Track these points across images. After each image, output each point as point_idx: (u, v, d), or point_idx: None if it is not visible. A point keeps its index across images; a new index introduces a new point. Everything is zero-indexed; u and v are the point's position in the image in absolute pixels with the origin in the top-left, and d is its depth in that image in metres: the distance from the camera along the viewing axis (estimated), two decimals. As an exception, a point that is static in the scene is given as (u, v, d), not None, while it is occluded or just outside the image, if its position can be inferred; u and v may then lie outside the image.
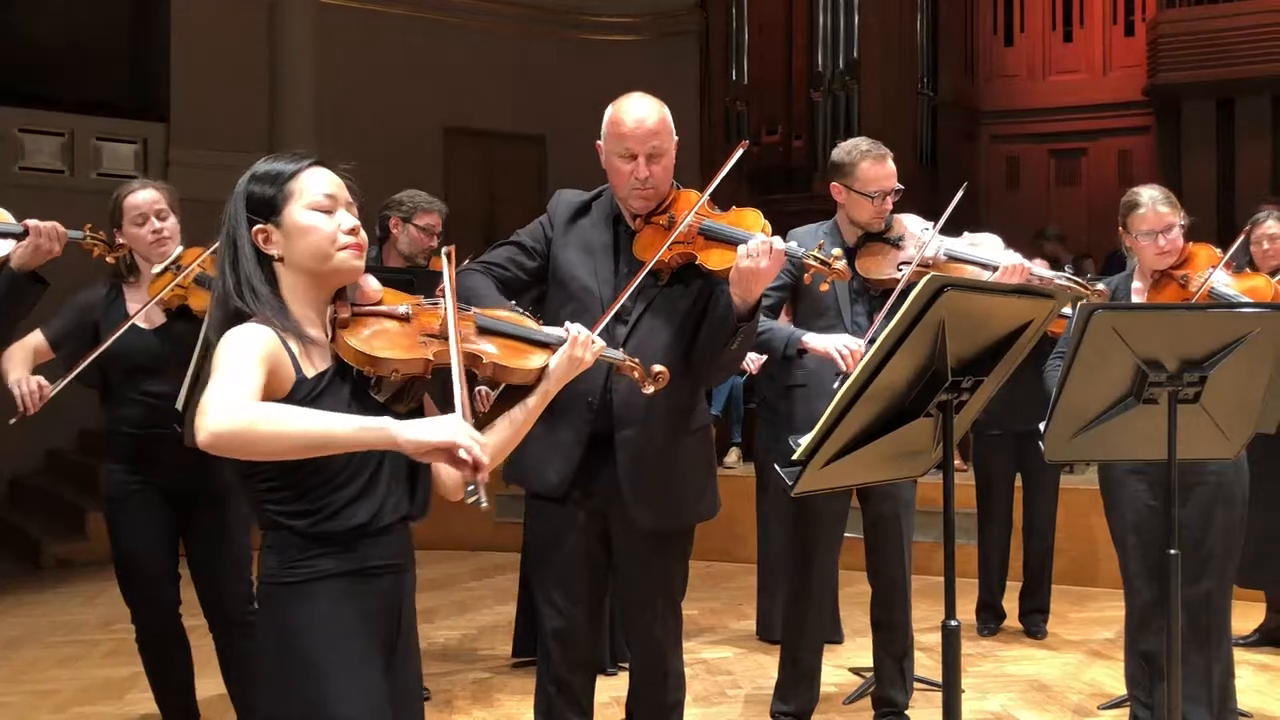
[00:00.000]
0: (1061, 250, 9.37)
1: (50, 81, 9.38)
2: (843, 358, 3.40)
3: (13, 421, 3.37)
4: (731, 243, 2.71)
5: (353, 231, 1.97)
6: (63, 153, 9.15)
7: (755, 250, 2.58)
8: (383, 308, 2.03)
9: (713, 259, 2.74)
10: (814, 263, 2.79)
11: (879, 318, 3.53)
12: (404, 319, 2.02)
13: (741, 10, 11.87)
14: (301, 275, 1.96)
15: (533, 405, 2.15)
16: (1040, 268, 3.64)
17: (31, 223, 3.12)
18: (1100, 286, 3.71)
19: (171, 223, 3.48)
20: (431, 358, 1.97)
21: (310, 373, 1.91)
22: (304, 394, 1.88)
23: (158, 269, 3.45)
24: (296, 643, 1.89)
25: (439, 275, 2.09)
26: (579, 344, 2.17)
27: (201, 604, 3.52)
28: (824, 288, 3.07)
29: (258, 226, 1.96)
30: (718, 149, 11.36)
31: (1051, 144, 12.23)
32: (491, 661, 5.01)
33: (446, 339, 1.99)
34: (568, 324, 2.20)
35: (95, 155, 9.30)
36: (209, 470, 3.46)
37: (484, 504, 1.79)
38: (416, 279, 3.29)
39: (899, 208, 3.81)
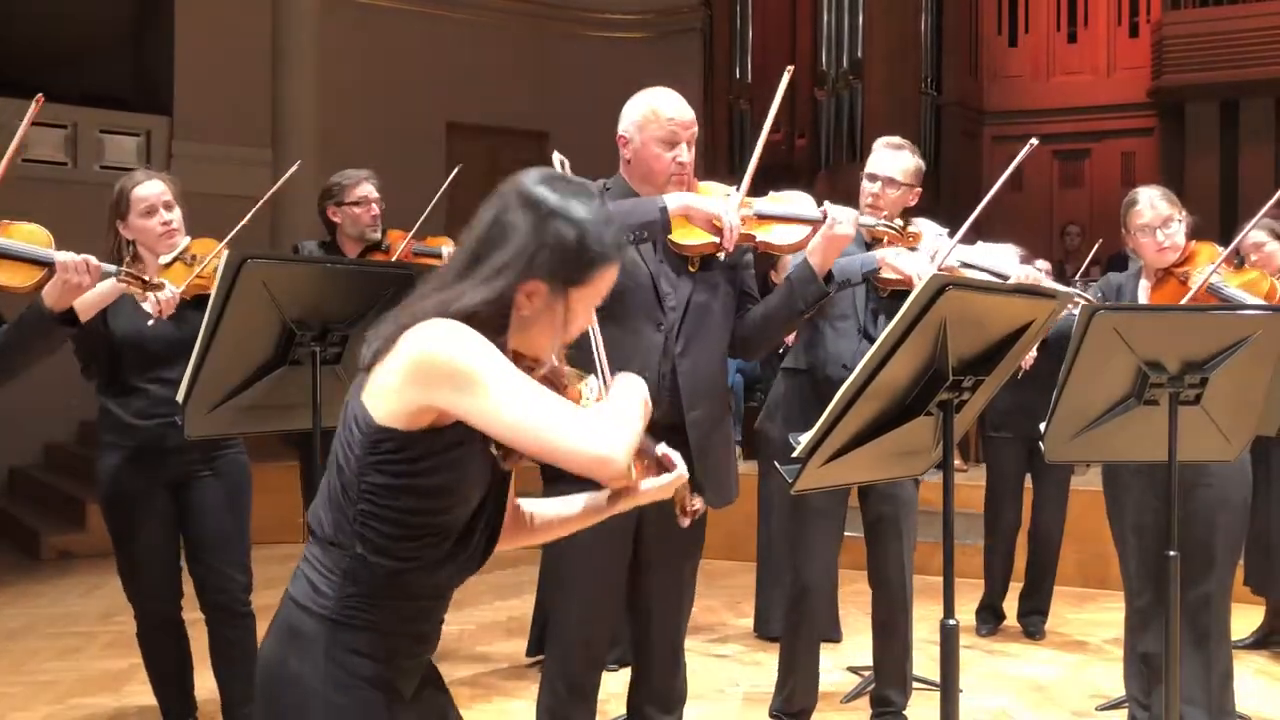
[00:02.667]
0: (1082, 245, 9.54)
1: (53, 73, 9.38)
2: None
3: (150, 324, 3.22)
4: (791, 219, 2.92)
5: (575, 333, 1.79)
6: (66, 145, 9.14)
7: (841, 217, 2.83)
8: (548, 376, 1.80)
9: (775, 235, 2.93)
10: (885, 230, 3.07)
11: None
12: (556, 385, 1.79)
13: (746, 8, 11.86)
14: (519, 336, 1.74)
15: (611, 512, 1.97)
16: (1048, 280, 3.65)
17: (59, 258, 2.84)
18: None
19: (178, 213, 3.45)
20: None
21: None
22: (465, 429, 1.65)
23: (165, 259, 3.43)
24: (343, 689, 1.69)
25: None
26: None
27: (198, 593, 3.52)
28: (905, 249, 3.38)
29: (537, 281, 1.69)
30: (720, 147, 11.36)
31: (1055, 145, 12.23)
32: (490, 658, 5.02)
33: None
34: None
35: (98, 148, 9.29)
36: (211, 459, 3.47)
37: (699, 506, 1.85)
38: (414, 274, 3.28)
39: (913, 211, 3.81)
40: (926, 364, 2.23)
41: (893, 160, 3.72)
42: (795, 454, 2.24)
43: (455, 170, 4.82)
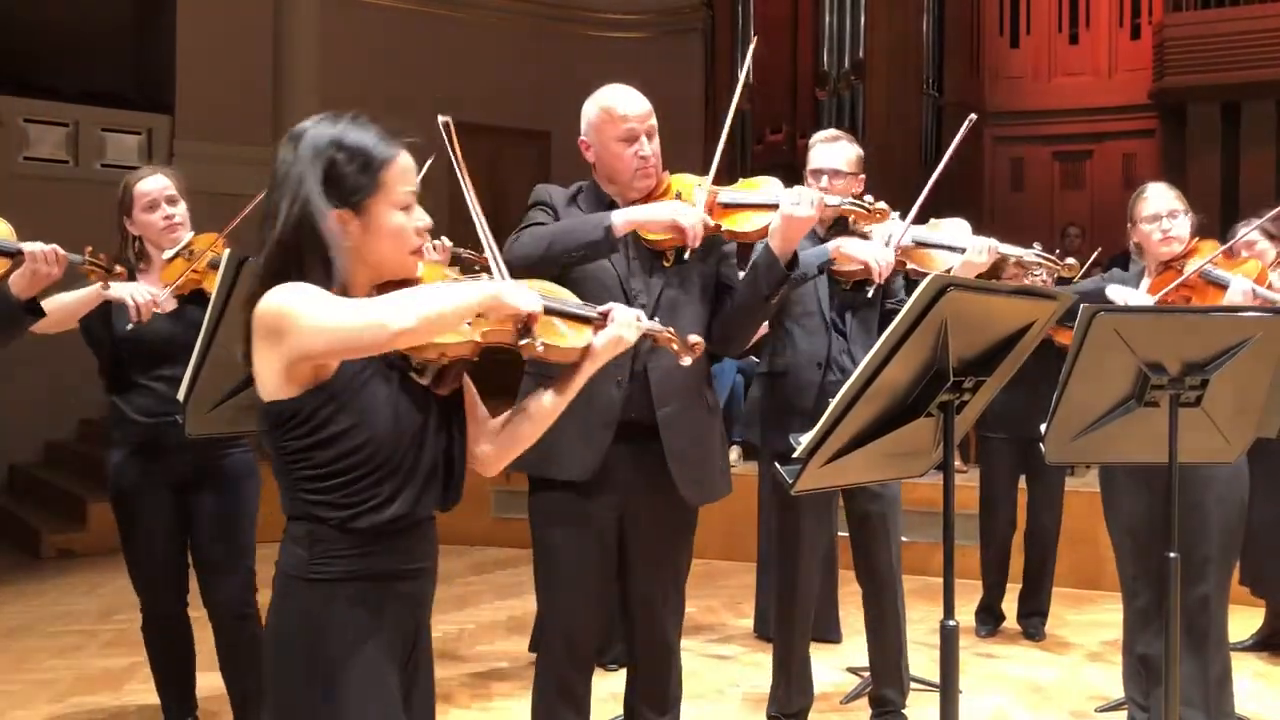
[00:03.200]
0: (1083, 245, 9.57)
1: (55, 72, 9.38)
2: (877, 271, 3.44)
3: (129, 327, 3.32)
4: (754, 205, 2.87)
5: (423, 231, 1.90)
6: (67, 143, 9.15)
7: (799, 198, 2.76)
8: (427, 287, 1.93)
9: (739, 222, 2.88)
10: (851, 208, 2.98)
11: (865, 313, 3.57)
12: None
13: (747, 8, 11.86)
14: (363, 266, 1.87)
15: (570, 390, 2.05)
16: (1007, 246, 3.66)
17: (28, 248, 2.98)
18: (1071, 260, 3.75)
19: (182, 208, 3.48)
20: (480, 339, 1.89)
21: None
22: (349, 375, 1.80)
23: (169, 254, 3.45)
24: (317, 646, 1.82)
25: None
26: (623, 322, 2.06)
27: (202, 593, 3.53)
28: (867, 232, 3.40)
29: (336, 211, 1.82)
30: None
31: (1056, 146, 12.21)
32: (490, 657, 5.02)
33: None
34: (612, 305, 2.11)
35: (100, 146, 9.30)
36: (215, 459, 3.47)
37: (540, 346, 1.88)
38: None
39: (898, 202, 3.83)
40: (927, 365, 2.23)
41: (834, 152, 3.78)
42: (795, 455, 2.24)
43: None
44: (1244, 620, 4.97)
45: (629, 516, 2.90)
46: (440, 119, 2.15)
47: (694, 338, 2.29)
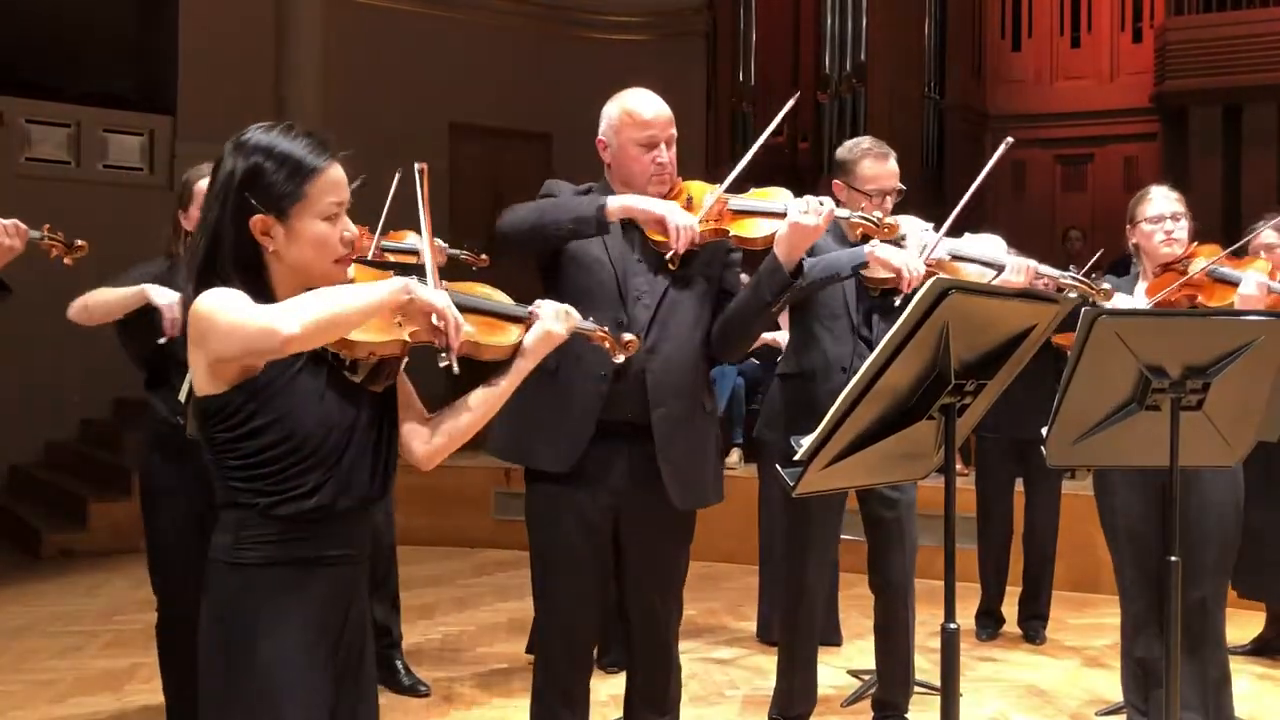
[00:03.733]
0: (1084, 249, 9.60)
1: (57, 72, 9.38)
2: (908, 280, 3.36)
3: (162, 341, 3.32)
4: (763, 213, 2.88)
5: (349, 241, 1.95)
6: (69, 144, 9.15)
7: (808, 207, 2.76)
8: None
9: (747, 228, 2.89)
10: (863, 222, 3.00)
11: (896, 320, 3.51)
12: None
13: (749, 11, 11.86)
14: (288, 272, 1.92)
15: (505, 385, 2.12)
16: (1045, 267, 3.61)
17: None
18: (1106, 285, 3.69)
19: None
20: (408, 339, 1.95)
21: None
22: (276, 372, 1.86)
23: None
24: (236, 630, 1.88)
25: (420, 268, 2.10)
26: (555, 317, 2.15)
27: None
28: (901, 239, 3.40)
29: (259, 217, 1.89)
30: (723, 150, 11.36)
31: (1058, 149, 12.22)
32: (491, 658, 5.02)
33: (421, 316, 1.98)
34: (538, 301, 2.17)
35: (101, 147, 9.30)
36: None
37: (455, 368, 1.92)
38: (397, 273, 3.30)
39: (900, 209, 3.80)
40: (929, 367, 2.23)
41: (893, 167, 3.71)
42: (797, 457, 2.24)
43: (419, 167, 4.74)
44: (1243, 624, 4.97)
45: (625, 517, 2.89)
46: (417, 166, 2.21)
47: (628, 336, 2.35)
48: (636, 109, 2.91)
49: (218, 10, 9.60)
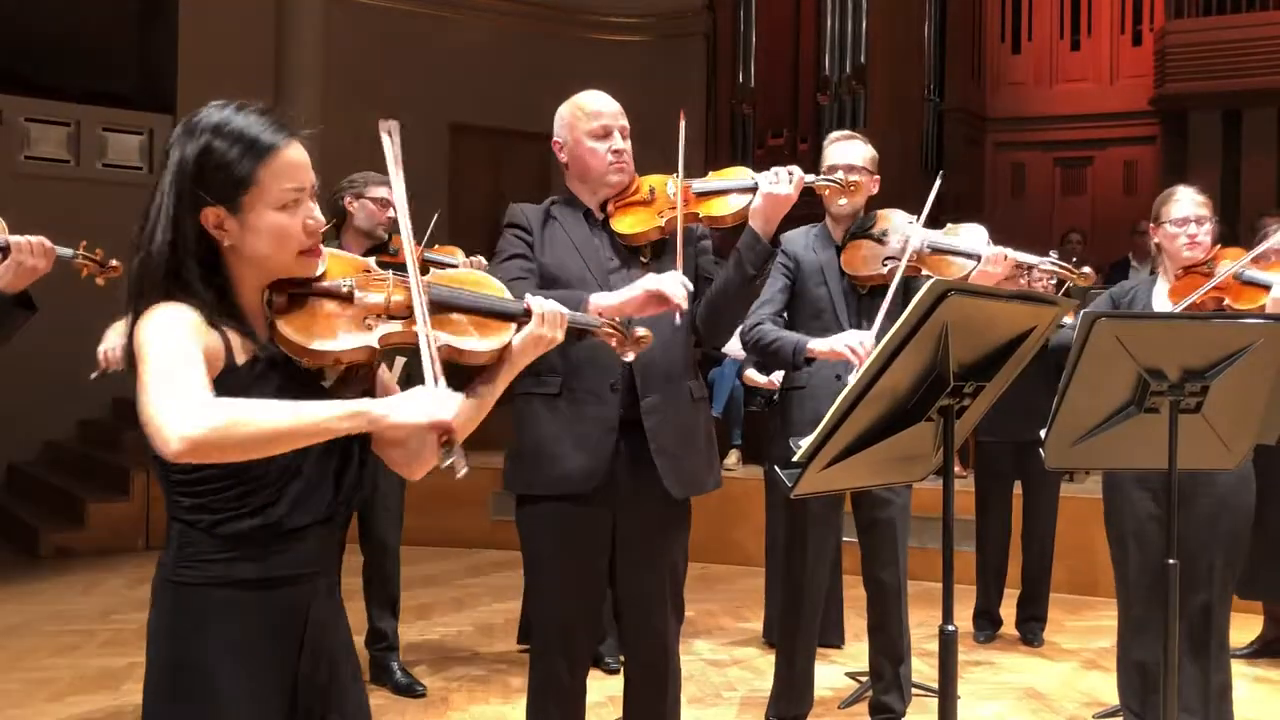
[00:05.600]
0: (1084, 251, 9.65)
1: (57, 71, 9.38)
2: (854, 354, 3.43)
3: (94, 376, 3.30)
4: (731, 190, 2.90)
5: (314, 230, 1.75)
6: (68, 142, 9.15)
7: (778, 177, 2.82)
8: (324, 284, 1.79)
9: (717, 208, 2.91)
10: (826, 184, 3.09)
11: (879, 316, 3.54)
12: (346, 298, 1.78)
13: (749, 13, 11.86)
14: (246, 266, 1.74)
15: (495, 386, 1.92)
16: (1022, 254, 3.65)
17: (13, 240, 2.83)
18: (1086, 270, 3.72)
19: None
20: (377, 344, 1.76)
21: (241, 359, 1.71)
22: (231, 384, 1.67)
23: None
24: (177, 647, 1.75)
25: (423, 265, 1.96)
26: (545, 320, 1.91)
27: None
28: (842, 205, 3.61)
29: (209, 209, 1.68)
30: (723, 150, 11.36)
31: (1057, 152, 12.22)
32: (487, 658, 5.01)
33: (396, 316, 1.78)
34: (528, 296, 1.96)
35: (101, 146, 9.30)
36: None
37: (464, 469, 1.67)
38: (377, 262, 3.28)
39: (901, 208, 3.85)
40: (927, 369, 2.22)
41: (851, 149, 3.84)
42: (795, 458, 2.24)
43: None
44: (1239, 626, 4.97)
45: (621, 512, 2.89)
46: (384, 124, 1.88)
47: (641, 330, 2.17)
48: (584, 102, 2.96)
49: (217, 9, 9.60)
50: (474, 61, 10.96)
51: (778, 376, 4.76)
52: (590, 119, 2.92)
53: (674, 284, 2.69)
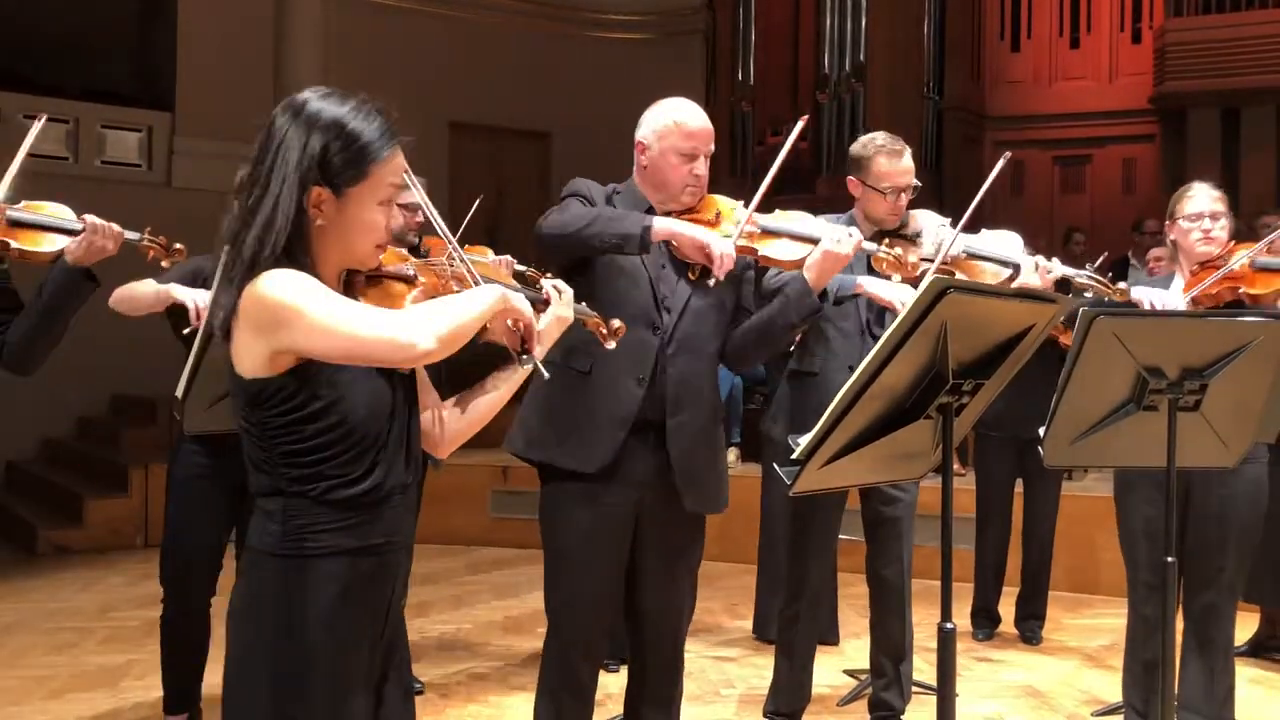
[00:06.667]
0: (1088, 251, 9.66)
1: (56, 68, 9.38)
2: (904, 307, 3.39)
3: (186, 331, 3.40)
4: (794, 236, 2.98)
5: (392, 229, 1.93)
6: (67, 139, 9.14)
7: (840, 235, 2.86)
8: (390, 269, 2.01)
9: (776, 250, 2.98)
10: (886, 257, 3.10)
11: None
12: (411, 281, 2.01)
13: (749, 11, 11.86)
14: (331, 248, 1.87)
15: (523, 370, 2.05)
16: (1062, 266, 3.57)
17: (89, 219, 3.08)
18: (1122, 286, 3.64)
19: None
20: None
21: None
22: (321, 362, 1.79)
23: None
24: (288, 621, 1.81)
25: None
26: (564, 301, 2.08)
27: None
28: (915, 235, 3.55)
29: (316, 188, 1.82)
30: (722, 148, 11.36)
31: (1056, 150, 12.22)
32: (486, 656, 5.01)
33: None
34: (544, 283, 2.10)
35: (99, 143, 9.30)
36: None
37: (545, 372, 1.97)
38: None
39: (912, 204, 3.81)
40: (927, 367, 2.22)
41: (907, 164, 3.67)
42: (795, 456, 2.24)
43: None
44: (1238, 626, 4.96)
45: (644, 514, 2.93)
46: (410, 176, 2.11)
47: (616, 322, 2.35)
48: (686, 120, 2.95)
49: (217, 6, 9.60)
50: (473, 60, 10.95)
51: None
52: (686, 139, 2.94)
53: (725, 249, 2.80)
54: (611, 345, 2.37)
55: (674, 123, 2.95)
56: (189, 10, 9.56)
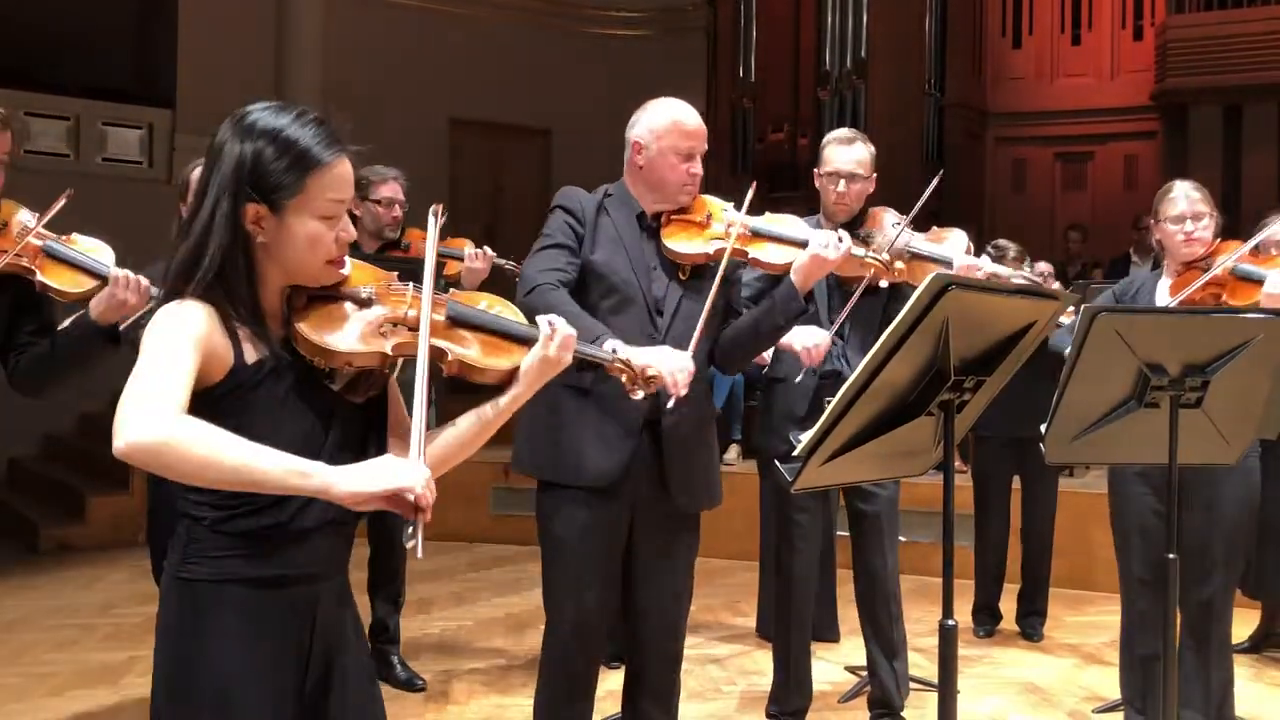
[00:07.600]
0: (1083, 248, 9.82)
1: (57, 66, 9.38)
2: (807, 353, 3.48)
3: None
4: (784, 240, 2.97)
5: (344, 242, 1.81)
6: (68, 137, 9.16)
7: (828, 240, 2.86)
8: (345, 289, 1.84)
9: (766, 252, 2.98)
10: (873, 261, 3.09)
11: (843, 313, 3.64)
12: (365, 303, 1.84)
13: (750, 7, 11.84)
14: (274, 266, 1.78)
15: (503, 407, 1.90)
16: (996, 266, 3.71)
17: (115, 272, 2.85)
18: (1055, 286, 3.73)
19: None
20: (390, 351, 1.79)
21: (251, 359, 1.74)
22: (235, 384, 1.71)
23: None
24: (181, 644, 1.77)
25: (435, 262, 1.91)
26: (555, 342, 1.90)
27: None
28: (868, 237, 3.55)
29: (252, 205, 1.73)
30: (723, 145, 11.35)
31: (1058, 147, 12.20)
32: (488, 653, 5.02)
33: (411, 328, 1.81)
34: (542, 320, 1.94)
35: (101, 140, 9.31)
36: None
37: (419, 553, 1.61)
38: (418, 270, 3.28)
39: (902, 206, 3.83)
40: (928, 364, 2.22)
41: (852, 154, 3.82)
42: (795, 453, 2.24)
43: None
44: (1239, 622, 4.96)
45: (640, 515, 2.93)
46: (434, 207, 1.98)
47: (652, 371, 2.16)
48: (684, 119, 2.96)
49: (217, 3, 9.60)
50: (474, 57, 10.95)
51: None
52: (685, 138, 2.94)
53: (679, 368, 2.66)
54: (640, 395, 2.17)
55: (672, 122, 2.95)
56: (189, 7, 9.57)
